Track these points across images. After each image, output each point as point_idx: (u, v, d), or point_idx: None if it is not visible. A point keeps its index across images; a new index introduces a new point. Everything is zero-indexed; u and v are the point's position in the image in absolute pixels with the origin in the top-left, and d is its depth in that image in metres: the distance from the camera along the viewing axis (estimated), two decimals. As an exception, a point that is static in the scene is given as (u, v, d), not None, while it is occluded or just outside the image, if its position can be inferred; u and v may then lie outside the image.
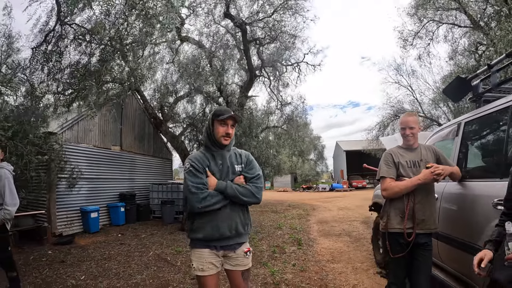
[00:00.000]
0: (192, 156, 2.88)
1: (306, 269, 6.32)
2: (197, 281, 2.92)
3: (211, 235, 2.75)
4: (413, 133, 3.36)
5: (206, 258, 2.78)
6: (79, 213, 10.52)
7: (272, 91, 13.55)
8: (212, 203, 2.70)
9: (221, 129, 2.82)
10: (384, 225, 3.41)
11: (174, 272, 6.23)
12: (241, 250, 2.87)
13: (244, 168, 2.92)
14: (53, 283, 5.60)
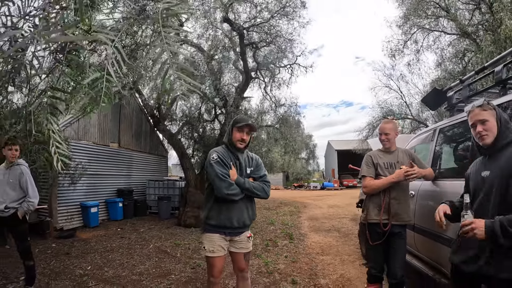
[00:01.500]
0: (218, 149, 3.47)
1: (297, 260, 6.82)
2: (206, 261, 3.46)
3: (223, 224, 3.31)
4: (389, 138, 3.88)
5: (216, 241, 3.32)
6: (79, 208, 10.88)
7: (266, 92, 13.98)
8: (236, 192, 3.26)
9: (238, 135, 3.38)
10: (364, 217, 3.94)
11: (175, 262, 6.69)
12: (244, 235, 3.43)
13: (253, 170, 3.49)
14: (62, 273, 6.00)
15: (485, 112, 2.42)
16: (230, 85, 13.63)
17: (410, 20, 14.14)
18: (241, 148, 3.44)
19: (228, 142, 3.47)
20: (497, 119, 2.38)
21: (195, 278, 5.66)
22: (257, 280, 5.55)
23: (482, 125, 2.39)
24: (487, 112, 2.41)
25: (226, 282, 5.30)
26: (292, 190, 40.51)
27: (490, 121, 2.38)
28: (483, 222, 2.15)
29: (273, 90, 13.93)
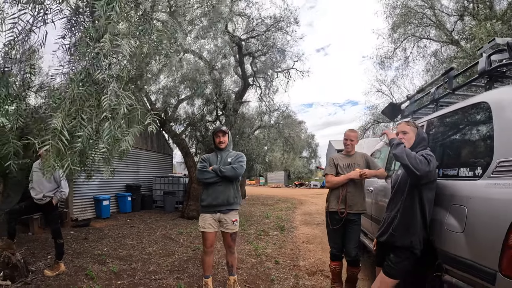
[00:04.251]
0: (204, 155, 4.87)
1: (283, 247, 7.92)
2: (201, 236, 4.67)
3: (211, 203, 4.53)
4: (352, 144, 4.94)
5: (207, 220, 4.56)
6: (92, 201, 12.04)
7: (262, 98, 15.07)
8: (207, 177, 4.57)
9: (216, 140, 4.75)
10: (326, 206, 5.00)
11: (178, 246, 7.86)
12: (230, 218, 4.58)
13: (232, 161, 4.69)
14: (83, 253, 7.14)
15: (408, 127, 3.49)
16: (230, 90, 14.70)
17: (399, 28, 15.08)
18: (223, 148, 4.77)
19: (214, 147, 4.81)
20: (416, 134, 3.46)
21: (194, 258, 6.79)
22: (246, 260, 6.65)
23: (402, 135, 3.47)
24: (409, 127, 3.49)
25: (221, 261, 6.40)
26: (292, 188, 41.33)
27: (409, 133, 3.45)
28: None
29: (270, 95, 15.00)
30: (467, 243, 2.68)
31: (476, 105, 3.13)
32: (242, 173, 4.69)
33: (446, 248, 2.95)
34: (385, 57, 16.76)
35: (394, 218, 3.31)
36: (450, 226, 2.90)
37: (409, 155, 3.05)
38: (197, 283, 5.24)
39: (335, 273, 4.96)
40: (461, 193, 2.90)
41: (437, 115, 4.01)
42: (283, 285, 5.31)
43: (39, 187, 5.78)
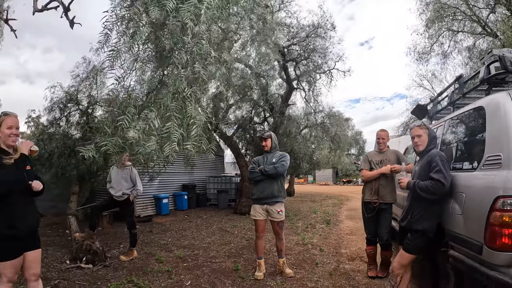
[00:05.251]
0: (255, 157, 5.88)
1: (328, 238, 8.72)
2: (254, 223, 5.70)
3: (259, 196, 5.53)
4: (383, 142, 5.65)
5: (257, 209, 5.59)
6: (152, 200, 13.31)
7: (307, 100, 15.79)
8: (254, 176, 5.58)
9: (262, 144, 5.73)
10: (362, 197, 5.74)
11: (233, 237, 8.87)
12: (276, 209, 5.51)
13: (276, 161, 5.59)
14: (150, 243, 8.23)
15: (421, 130, 4.19)
16: (276, 93, 15.54)
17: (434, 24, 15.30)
18: (267, 150, 5.73)
19: (262, 150, 5.79)
20: (428, 135, 4.17)
21: (248, 246, 7.74)
22: (294, 248, 7.50)
23: (417, 138, 4.19)
24: (422, 130, 4.19)
25: (272, 248, 7.26)
26: (341, 186, 41.63)
27: (423, 136, 4.16)
28: (407, 180, 4.06)
29: (314, 97, 15.66)
30: (464, 223, 3.40)
31: (477, 109, 3.80)
32: (284, 171, 5.58)
33: (451, 227, 3.66)
34: (423, 53, 16.90)
35: (411, 207, 4.06)
36: (454, 210, 3.61)
37: (426, 190, 3.74)
38: (251, 265, 6.16)
39: (370, 256, 5.69)
40: (461, 182, 3.60)
41: (449, 117, 4.70)
42: (326, 267, 6.10)
43: (118, 186, 6.96)
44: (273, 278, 5.52)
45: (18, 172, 3.31)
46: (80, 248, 6.44)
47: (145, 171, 10.77)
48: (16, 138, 3.36)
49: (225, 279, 5.51)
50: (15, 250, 3.30)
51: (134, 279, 5.43)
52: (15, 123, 3.34)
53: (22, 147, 3.42)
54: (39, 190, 3.47)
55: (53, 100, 9.88)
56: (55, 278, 5.40)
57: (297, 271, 5.86)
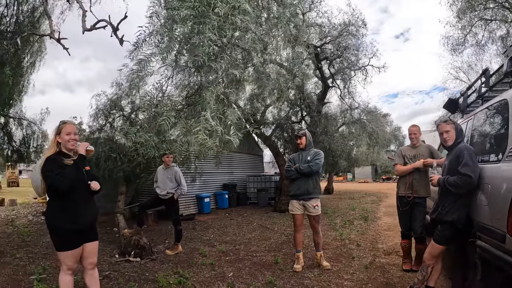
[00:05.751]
0: (290, 155, 6.23)
1: (365, 233, 8.92)
2: (292, 217, 6.06)
3: (296, 192, 5.86)
4: (416, 137, 5.77)
5: (294, 204, 5.91)
6: (194, 199, 13.84)
7: (342, 98, 15.96)
8: (290, 174, 5.93)
9: (297, 142, 6.05)
10: (396, 192, 5.89)
11: (273, 233, 9.21)
12: (312, 204, 5.81)
13: (310, 159, 5.86)
14: (194, 239, 8.71)
15: (448, 125, 4.36)
16: (312, 92, 15.78)
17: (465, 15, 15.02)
18: (302, 148, 6.04)
19: (297, 147, 6.11)
20: (455, 129, 4.36)
21: (288, 241, 8.05)
22: (332, 243, 7.76)
23: (446, 134, 4.37)
24: (449, 125, 4.35)
25: (310, 244, 7.52)
26: (380, 183, 41.19)
27: (450, 131, 4.34)
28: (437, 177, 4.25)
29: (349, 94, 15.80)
30: (490, 213, 3.56)
31: (501, 102, 3.95)
32: (318, 169, 5.87)
33: (478, 218, 3.82)
34: (456, 44, 16.58)
35: (441, 199, 4.25)
36: (481, 201, 3.77)
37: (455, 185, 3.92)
38: (290, 259, 6.47)
39: (405, 250, 5.85)
40: (488, 174, 3.76)
41: (478, 111, 4.86)
42: (362, 261, 6.33)
43: (163, 185, 7.46)
44: (311, 270, 5.81)
45: (79, 172, 3.71)
46: (128, 243, 6.94)
47: (187, 171, 11.26)
48: (74, 142, 3.77)
49: (265, 271, 5.85)
50: (76, 242, 3.71)
51: (180, 271, 5.83)
52: (73, 129, 3.77)
53: (80, 148, 3.82)
54: (97, 190, 3.89)
55: (98, 107, 10.47)
56: (106, 270, 5.89)
57: (334, 264, 6.13)
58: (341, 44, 13.66)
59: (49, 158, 3.65)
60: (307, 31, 12.79)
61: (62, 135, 3.70)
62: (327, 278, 5.40)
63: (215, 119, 3.93)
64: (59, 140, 3.72)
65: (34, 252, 7.37)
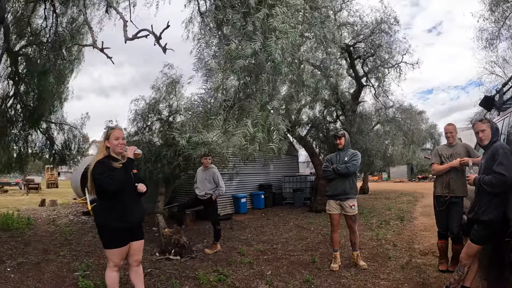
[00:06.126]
0: (328, 155, 6.41)
1: (402, 234, 8.96)
2: (329, 217, 6.26)
3: (333, 193, 6.03)
4: (452, 136, 5.82)
5: (332, 204, 6.10)
6: (231, 199, 14.16)
7: (377, 97, 15.94)
8: (327, 174, 6.08)
9: (336, 142, 6.16)
10: (433, 191, 5.93)
11: (310, 233, 9.39)
12: (349, 204, 5.96)
13: (348, 159, 6.01)
14: (231, 238, 9.00)
15: (483, 125, 4.42)
16: (346, 92, 15.83)
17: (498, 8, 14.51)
18: (340, 148, 6.16)
19: (335, 147, 6.28)
20: (490, 128, 4.44)
21: (324, 241, 8.24)
22: (368, 243, 7.86)
23: (481, 133, 4.46)
24: (484, 124, 4.42)
25: (346, 243, 7.66)
26: (416, 182, 40.43)
27: (486, 130, 4.41)
28: (474, 176, 4.34)
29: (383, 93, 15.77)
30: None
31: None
32: (355, 170, 6.04)
33: (514, 218, 3.92)
34: (491, 38, 16.07)
35: (478, 199, 4.34)
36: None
37: (490, 184, 3.99)
38: (327, 258, 6.64)
39: (442, 250, 5.89)
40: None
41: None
42: (398, 261, 6.42)
43: (202, 186, 7.76)
44: (348, 269, 5.96)
45: (127, 174, 3.97)
46: (168, 242, 7.25)
47: (225, 172, 11.53)
48: (123, 146, 4.06)
49: (303, 270, 6.04)
50: (124, 240, 3.97)
51: (220, 269, 6.09)
52: (120, 134, 4.06)
53: (128, 152, 4.09)
54: (144, 191, 4.17)
55: (137, 111, 10.90)
56: (147, 268, 6.18)
57: (370, 264, 6.25)
58: (374, 42, 13.72)
59: (99, 162, 3.91)
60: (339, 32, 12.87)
61: (111, 140, 3.97)
62: (364, 278, 5.53)
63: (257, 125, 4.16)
64: (108, 145, 4.00)
65: (77, 250, 7.78)
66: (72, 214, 14.42)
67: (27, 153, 12.81)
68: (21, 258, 6.94)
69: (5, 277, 5.74)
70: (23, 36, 10.62)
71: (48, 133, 12.78)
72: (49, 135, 12.83)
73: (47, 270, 6.17)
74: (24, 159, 12.99)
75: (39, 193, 28.46)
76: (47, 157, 13.55)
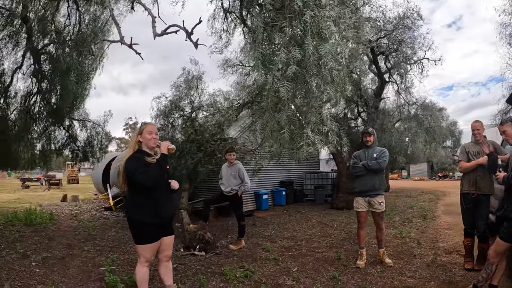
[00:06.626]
0: (355, 152, 6.36)
1: (425, 232, 8.98)
2: (356, 214, 6.31)
3: (362, 189, 6.07)
4: (479, 133, 5.77)
5: (360, 202, 6.13)
6: (253, 196, 14.26)
7: (400, 93, 15.88)
8: (357, 170, 6.10)
9: (366, 139, 6.16)
10: (460, 189, 5.94)
11: (333, 230, 9.47)
12: (377, 200, 6.01)
13: (377, 156, 6.06)
14: (255, 234, 9.10)
15: (503, 126, 4.54)
16: (369, 88, 15.82)
17: None
18: (368, 145, 6.18)
19: (362, 144, 6.30)
20: None
21: (348, 238, 8.32)
22: (392, 241, 7.89)
23: (504, 134, 4.54)
24: (504, 125, 4.55)
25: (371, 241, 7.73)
26: (436, 181, 40.09)
27: (507, 130, 4.51)
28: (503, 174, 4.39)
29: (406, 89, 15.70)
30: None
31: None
32: (385, 166, 6.08)
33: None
34: None
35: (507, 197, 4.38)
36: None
37: None
38: (352, 255, 6.72)
39: (467, 249, 5.89)
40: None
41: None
42: (423, 259, 6.45)
43: (227, 182, 7.84)
44: (374, 267, 6.02)
45: (161, 170, 3.95)
46: (193, 237, 7.35)
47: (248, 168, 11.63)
48: (156, 141, 4.09)
49: (329, 267, 6.12)
50: (156, 235, 4.02)
51: (245, 265, 6.17)
52: (154, 129, 4.09)
53: (162, 147, 4.06)
54: (176, 188, 4.28)
55: (160, 109, 11.11)
56: (172, 263, 6.25)
57: (396, 261, 6.29)
58: (396, 37, 13.68)
59: (134, 157, 3.94)
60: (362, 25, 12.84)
61: (144, 135, 4.00)
62: (390, 275, 5.59)
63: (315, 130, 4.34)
64: (140, 140, 4.02)
65: (101, 245, 7.89)
66: (94, 210, 14.67)
67: (50, 149, 13.11)
68: (45, 253, 7.01)
69: (30, 272, 5.81)
70: (46, 35, 10.84)
71: (71, 130, 13.02)
72: (72, 132, 13.07)
73: (72, 265, 6.25)
74: (47, 155, 13.28)
75: (60, 188, 28.93)
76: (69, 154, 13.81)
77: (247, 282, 5.41)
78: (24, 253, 7.03)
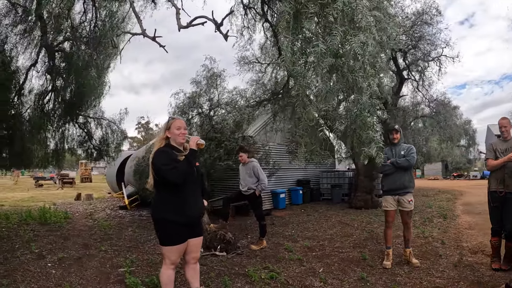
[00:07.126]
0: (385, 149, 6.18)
1: (447, 231, 8.92)
2: (384, 213, 6.26)
3: (390, 188, 6.01)
4: (507, 130, 5.69)
5: (388, 200, 6.07)
6: (270, 195, 14.26)
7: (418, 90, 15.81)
8: (386, 169, 6.05)
9: (391, 137, 6.14)
10: (488, 187, 5.88)
11: (354, 229, 9.44)
12: (407, 199, 5.96)
13: (405, 153, 6.01)
14: (275, 234, 9.07)
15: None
16: (387, 86, 15.75)
17: None
18: (395, 142, 6.14)
19: (389, 142, 6.24)
20: None
21: (371, 238, 8.29)
22: (415, 241, 7.77)
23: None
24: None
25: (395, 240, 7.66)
26: (451, 180, 39.65)
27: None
28: None
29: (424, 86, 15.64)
30: None
31: None
32: (414, 163, 6.03)
33: None
34: None
35: None
36: None
37: None
38: (377, 255, 6.69)
39: (495, 248, 5.82)
40: None
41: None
42: (449, 259, 6.40)
43: (244, 182, 7.84)
44: (401, 267, 5.97)
45: (190, 166, 3.75)
46: (214, 237, 7.27)
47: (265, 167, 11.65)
48: (184, 136, 3.87)
49: (355, 267, 6.07)
50: (182, 236, 3.81)
51: (269, 266, 6.12)
52: (182, 124, 3.89)
53: (191, 143, 3.82)
54: None
55: (178, 105, 11.13)
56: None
57: (422, 262, 6.22)
58: (415, 33, 13.62)
59: (162, 151, 3.78)
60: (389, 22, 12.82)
61: (172, 130, 3.81)
62: (418, 275, 5.55)
63: None
64: (168, 135, 3.85)
65: (118, 245, 7.85)
66: (108, 208, 14.78)
67: (63, 148, 13.07)
68: (61, 253, 6.93)
69: (46, 273, 5.70)
70: (61, 31, 10.78)
71: (86, 128, 13.01)
72: (88, 129, 13.06)
73: (90, 266, 6.15)
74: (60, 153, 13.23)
75: (73, 187, 29.21)
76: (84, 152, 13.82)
77: (274, 284, 5.31)
78: (40, 253, 6.99)
